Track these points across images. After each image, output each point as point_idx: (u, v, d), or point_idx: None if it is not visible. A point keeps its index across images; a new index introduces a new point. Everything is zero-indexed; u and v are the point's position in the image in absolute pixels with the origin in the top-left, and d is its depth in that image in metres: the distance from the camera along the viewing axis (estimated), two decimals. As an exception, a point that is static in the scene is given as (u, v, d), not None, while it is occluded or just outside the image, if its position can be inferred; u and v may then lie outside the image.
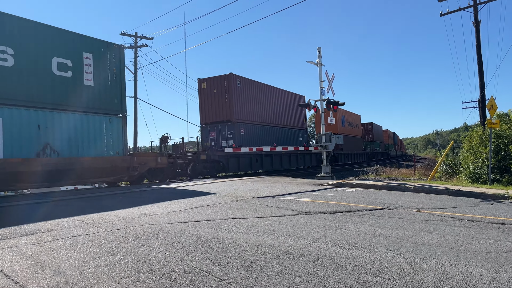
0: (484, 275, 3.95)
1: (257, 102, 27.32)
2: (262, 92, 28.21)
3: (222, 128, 24.82)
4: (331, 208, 8.37)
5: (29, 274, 3.95)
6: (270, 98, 29.16)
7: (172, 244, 5.10)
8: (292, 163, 31.40)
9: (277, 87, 30.68)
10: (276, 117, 29.88)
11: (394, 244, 5.24)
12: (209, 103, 25.22)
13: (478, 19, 23.62)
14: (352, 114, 45.79)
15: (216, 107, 24.90)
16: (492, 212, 8.19)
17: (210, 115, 25.23)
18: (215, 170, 23.17)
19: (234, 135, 24.27)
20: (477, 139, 18.33)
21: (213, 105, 25.00)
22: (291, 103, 31.63)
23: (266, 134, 28.03)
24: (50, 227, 6.18)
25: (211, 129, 25.31)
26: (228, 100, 24.37)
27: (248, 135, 25.44)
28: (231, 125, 24.53)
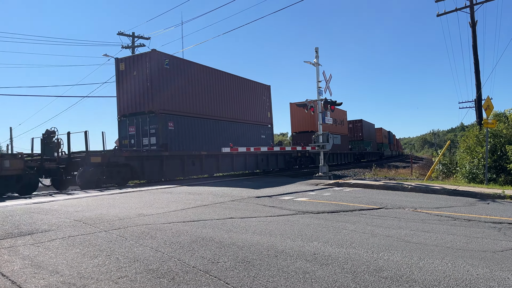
0: (481, 274, 3.98)
1: (197, 89, 21.32)
2: (206, 77, 22.12)
3: (143, 121, 19.07)
4: (329, 208, 8.40)
5: (27, 274, 3.94)
6: (220, 86, 23.19)
7: (169, 243, 5.11)
8: (260, 165, 25.84)
9: (229, 73, 24.56)
10: (229, 109, 23.91)
11: (391, 243, 5.26)
12: (128, 89, 19.47)
13: (474, 19, 23.72)
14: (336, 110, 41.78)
15: (137, 95, 19.16)
16: (488, 211, 8.24)
17: (129, 105, 19.44)
18: (121, 177, 16.68)
19: (158, 130, 18.59)
20: (473, 139, 18.42)
21: (133, 91, 19.25)
22: (252, 94, 26.30)
23: (213, 130, 22.15)
24: (47, 227, 6.17)
25: (130, 122, 19.50)
26: (151, 84, 18.58)
27: (181, 130, 19.80)
28: (153, 117, 18.72)
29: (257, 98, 26.97)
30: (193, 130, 20.77)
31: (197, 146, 20.66)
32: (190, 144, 20.28)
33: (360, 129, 51.11)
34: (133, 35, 35.62)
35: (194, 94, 21.08)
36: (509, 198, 10.27)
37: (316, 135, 18.43)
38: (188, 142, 20.24)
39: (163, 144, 18.30)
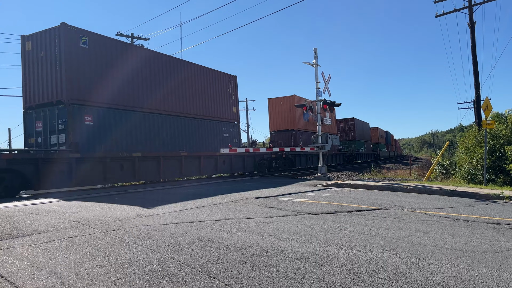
0: (480, 275, 3.98)
1: (131, 76, 17.02)
2: (144, 61, 17.91)
3: (51, 114, 14.77)
4: (328, 209, 8.39)
5: (25, 275, 3.93)
6: (165, 74, 18.96)
7: (168, 245, 5.10)
8: (220, 169, 22.02)
9: (182, 59, 20.78)
10: (178, 102, 19.61)
11: (390, 244, 5.26)
12: (35, 74, 15.21)
13: (473, 20, 23.76)
14: None
15: (44, 81, 14.96)
16: (487, 212, 8.24)
17: (36, 94, 15.18)
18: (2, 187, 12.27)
19: (68, 125, 14.23)
20: (472, 140, 18.44)
21: (40, 77, 15.04)
22: (212, 84, 22.07)
23: (153, 126, 17.87)
24: (46, 228, 6.15)
25: (37, 116, 15.21)
26: (60, 67, 14.47)
27: (104, 126, 15.56)
28: (62, 109, 14.45)
29: (218, 90, 22.54)
30: (123, 126, 16.35)
31: (131, 147, 16.44)
32: (122, 143, 16.14)
33: (352, 128, 46.94)
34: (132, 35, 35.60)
35: (128, 82, 16.76)
36: (508, 198, 10.27)
37: (315, 136, 18.43)
38: (120, 141, 16.10)
39: (73, 143, 14.12)
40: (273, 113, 32.39)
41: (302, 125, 31.35)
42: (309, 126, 31.78)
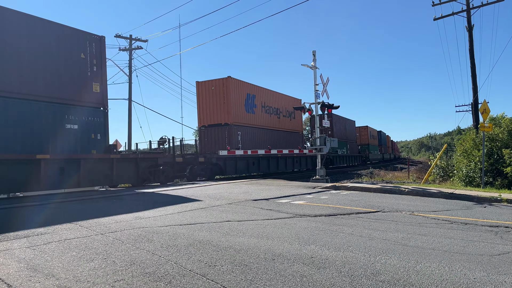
0: (478, 278, 3.98)
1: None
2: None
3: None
4: (326, 211, 8.39)
5: (22, 277, 3.92)
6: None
7: (166, 247, 5.09)
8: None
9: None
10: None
11: (388, 246, 5.26)
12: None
13: (471, 23, 23.85)
14: (282, 96, 31.67)
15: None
16: (485, 215, 8.25)
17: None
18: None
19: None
20: (470, 143, 18.47)
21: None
22: (47, 45, 13.88)
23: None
24: (43, 230, 6.14)
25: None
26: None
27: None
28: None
29: (63, 55, 14.73)
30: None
31: None
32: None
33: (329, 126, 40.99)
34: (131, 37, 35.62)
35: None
36: (506, 201, 10.29)
37: (313, 138, 18.43)
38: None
39: None
40: (202, 102, 25.40)
41: (243, 118, 25.65)
42: (255, 120, 26.81)
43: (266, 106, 29.21)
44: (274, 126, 30.44)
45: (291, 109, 32.57)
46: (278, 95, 31.67)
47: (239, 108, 25.63)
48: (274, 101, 30.64)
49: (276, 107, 30.97)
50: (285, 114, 32.56)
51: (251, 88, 27.54)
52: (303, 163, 33.65)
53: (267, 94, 29.87)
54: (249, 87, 27.39)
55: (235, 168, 24.72)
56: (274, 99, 30.77)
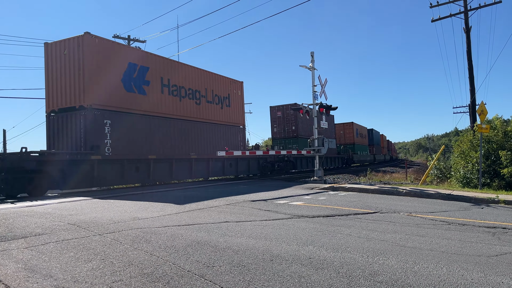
0: (475, 279, 4.00)
1: None
2: None
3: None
4: (324, 212, 8.40)
5: (20, 277, 3.91)
6: None
7: (164, 247, 5.08)
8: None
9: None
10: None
11: (386, 247, 5.27)
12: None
13: (468, 25, 23.93)
14: (206, 74, 21.83)
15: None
16: (482, 216, 8.28)
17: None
18: None
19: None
20: (467, 144, 18.54)
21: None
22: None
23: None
24: (41, 231, 6.12)
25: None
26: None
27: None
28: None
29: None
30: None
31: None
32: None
33: (292, 120, 33.23)
34: (129, 38, 35.59)
35: None
36: (503, 202, 10.33)
37: (311, 139, 18.45)
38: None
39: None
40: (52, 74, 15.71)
41: (120, 101, 16.27)
42: (144, 104, 17.32)
43: (173, 85, 19.02)
44: (188, 115, 19.92)
45: (224, 93, 22.94)
46: (199, 72, 21.27)
47: (109, 83, 15.71)
48: (191, 80, 20.44)
49: (196, 88, 20.67)
50: (211, 100, 21.83)
51: (139, 56, 17.85)
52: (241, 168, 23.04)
53: (176, 69, 19.61)
54: (135, 54, 17.83)
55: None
56: (191, 77, 20.52)
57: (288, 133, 33.88)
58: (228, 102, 23.52)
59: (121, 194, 12.27)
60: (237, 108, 24.42)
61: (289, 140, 33.45)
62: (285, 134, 33.92)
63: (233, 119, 23.80)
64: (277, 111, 34.88)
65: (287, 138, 33.74)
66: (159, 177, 17.72)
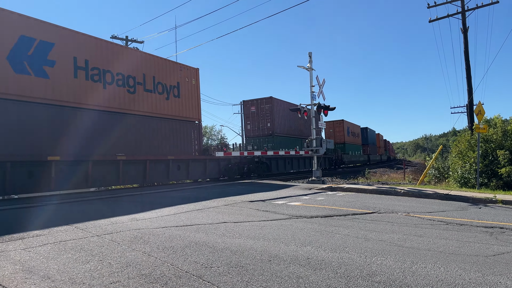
0: (473, 278, 4.00)
1: None
2: None
3: None
4: (322, 212, 8.40)
5: (18, 279, 3.90)
6: None
7: (162, 248, 5.08)
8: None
9: None
10: None
11: (384, 247, 5.27)
12: None
13: (466, 25, 23.97)
14: (144, 56, 18.43)
15: None
16: (480, 216, 8.29)
17: None
18: None
19: None
20: (465, 144, 18.56)
21: None
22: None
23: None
24: (39, 232, 6.11)
25: None
26: None
27: None
28: None
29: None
30: None
31: None
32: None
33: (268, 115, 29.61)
34: (127, 38, 35.55)
35: None
36: (501, 202, 10.35)
37: (309, 139, 18.46)
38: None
39: None
40: None
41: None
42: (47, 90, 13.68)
43: (93, 68, 15.46)
44: (116, 105, 16.34)
45: (171, 81, 19.31)
46: (134, 54, 17.91)
47: None
48: (122, 63, 16.79)
49: (129, 73, 16.90)
50: (152, 88, 18.12)
51: (39, 28, 13.72)
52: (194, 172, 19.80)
53: (98, 49, 15.96)
54: (32, 25, 13.57)
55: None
56: (121, 59, 16.88)
57: (263, 130, 30.05)
58: (178, 91, 19.67)
59: (120, 195, 12.25)
60: (190, 99, 20.47)
61: (264, 139, 29.76)
62: (259, 132, 30.13)
63: (184, 113, 19.97)
64: (250, 106, 30.70)
65: (261, 137, 29.98)
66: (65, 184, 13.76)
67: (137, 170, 16.64)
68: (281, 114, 30.91)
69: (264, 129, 29.75)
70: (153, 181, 17.51)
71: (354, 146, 49.21)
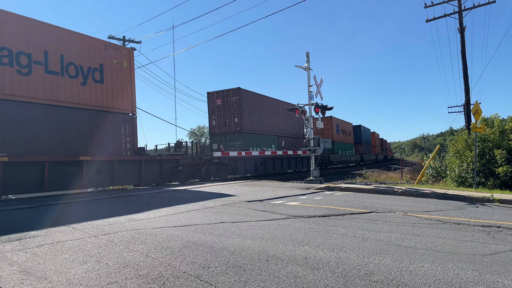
0: (470, 277, 4.01)
1: None
2: None
3: None
4: (320, 212, 8.41)
5: (15, 280, 3.88)
6: None
7: (160, 249, 5.07)
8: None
9: None
10: None
11: (381, 247, 5.28)
12: None
13: (463, 25, 24.05)
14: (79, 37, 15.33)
15: None
16: (477, 215, 8.31)
17: None
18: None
19: None
20: (462, 143, 18.62)
21: None
22: None
23: None
24: (36, 233, 6.09)
25: None
26: None
27: None
28: None
29: None
30: None
31: None
32: None
33: (235, 109, 25.93)
34: (124, 39, 35.50)
35: None
36: (498, 201, 10.38)
37: (307, 139, 18.47)
38: None
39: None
40: None
41: None
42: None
43: None
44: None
45: (91, 62, 15.73)
46: (30, 24, 13.73)
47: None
48: (12, 36, 13.10)
49: (20, 49, 13.30)
50: (60, 70, 14.51)
51: None
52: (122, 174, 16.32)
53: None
54: None
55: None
56: (9, 30, 13.12)
57: (230, 127, 26.32)
58: (100, 76, 15.88)
59: (116, 196, 12.23)
60: (119, 86, 16.81)
61: (230, 136, 26.16)
62: (226, 128, 26.47)
63: (110, 102, 16.25)
64: (216, 99, 26.75)
65: (228, 134, 26.21)
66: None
67: (31, 174, 13.11)
68: (252, 107, 26.80)
69: (231, 125, 25.87)
70: (55, 187, 13.75)
71: (344, 145, 46.11)
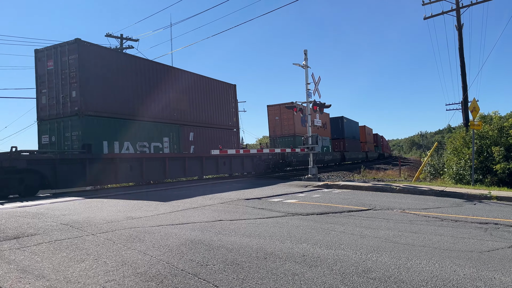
0: (467, 274, 4.02)
1: None
2: None
3: None
4: (318, 210, 8.42)
5: (12, 278, 3.88)
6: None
7: (158, 247, 5.07)
8: None
9: None
10: None
11: (379, 244, 5.29)
12: None
13: (460, 22, 24.05)
14: None
15: None
16: (475, 212, 8.34)
17: None
18: None
19: None
20: (460, 141, 18.67)
21: None
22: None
23: None
24: (34, 231, 6.08)
25: None
26: None
27: None
28: None
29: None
30: None
31: None
32: None
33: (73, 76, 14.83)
34: (122, 37, 35.40)
35: None
36: (495, 198, 10.41)
37: (305, 137, 18.48)
38: None
39: None
40: None
41: None
42: None
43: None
44: None
45: None
46: None
47: None
48: None
49: None
50: None
51: None
52: None
53: None
54: None
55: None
56: None
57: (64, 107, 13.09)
58: None
59: (115, 194, 12.22)
60: None
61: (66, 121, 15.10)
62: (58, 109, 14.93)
63: None
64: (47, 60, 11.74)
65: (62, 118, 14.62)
66: None
67: None
68: (101, 72, 15.71)
69: (66, 104, 15.20)
70: None
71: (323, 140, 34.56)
